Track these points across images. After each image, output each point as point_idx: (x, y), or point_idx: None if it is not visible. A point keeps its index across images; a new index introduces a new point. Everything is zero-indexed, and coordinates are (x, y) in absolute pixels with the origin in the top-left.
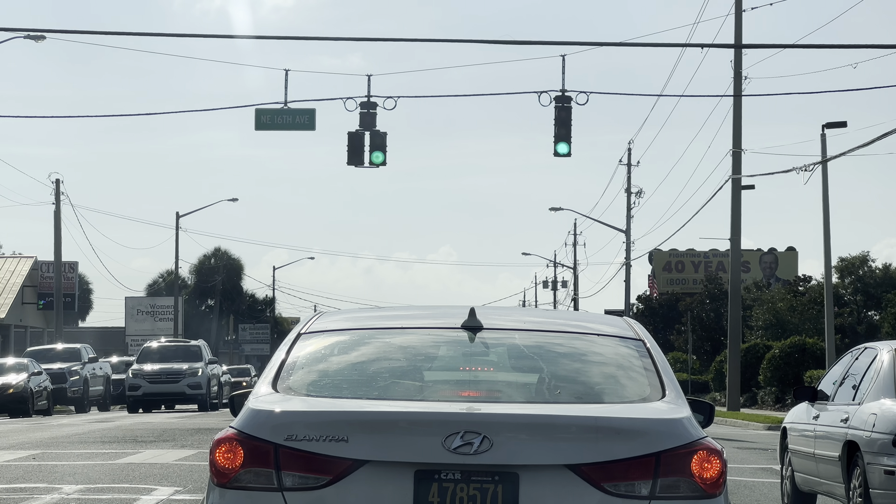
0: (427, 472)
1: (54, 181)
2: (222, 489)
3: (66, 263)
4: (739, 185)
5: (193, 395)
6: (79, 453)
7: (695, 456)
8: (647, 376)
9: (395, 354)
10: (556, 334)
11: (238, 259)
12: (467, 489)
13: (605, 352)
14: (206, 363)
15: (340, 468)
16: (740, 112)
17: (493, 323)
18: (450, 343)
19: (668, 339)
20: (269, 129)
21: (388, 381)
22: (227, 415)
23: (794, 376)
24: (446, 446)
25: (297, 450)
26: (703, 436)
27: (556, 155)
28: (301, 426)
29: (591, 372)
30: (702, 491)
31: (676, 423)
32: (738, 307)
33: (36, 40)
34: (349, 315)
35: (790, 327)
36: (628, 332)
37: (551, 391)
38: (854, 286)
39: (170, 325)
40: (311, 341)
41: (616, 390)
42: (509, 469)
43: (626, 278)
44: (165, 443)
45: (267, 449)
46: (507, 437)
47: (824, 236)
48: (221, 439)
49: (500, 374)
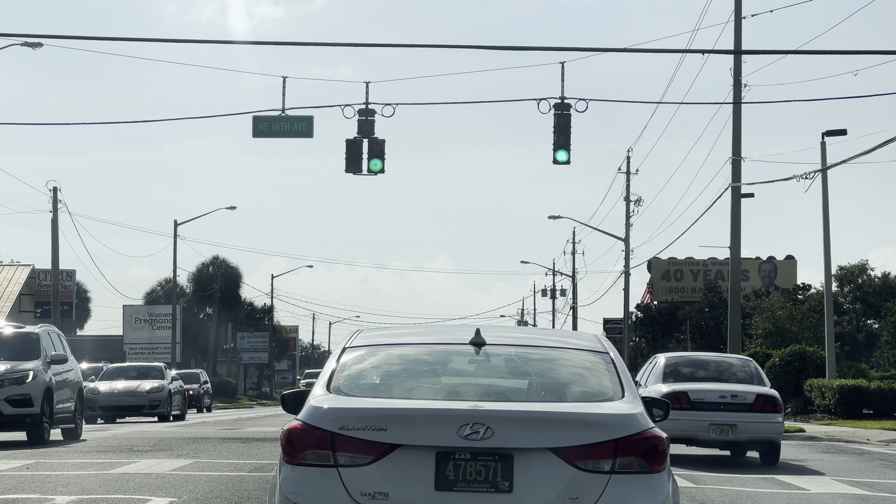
0: (445, 454)
1: (52, 189)
2: (292, 466)
3: (64, 272)
4: (739, 193)
5: None
6: (73, 463)
7: (644, 441)
8: (611, 381)
9: (419, 363)
10: (542, 348)
11: (236, 267)
12: (475, 466)
13: (579, 362)
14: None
15: (380, 450)
16: (740, 119)
17: (493, 339)
18: (460, 355)
19: (668, 347)
20: (266, 136)
21: (415, 384)
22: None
23: (794, 385)
24: (459, 434)
25: (348, 437)
26: (651, 426)
27: (556, 163)
28: (351, 419)
29: (567, 378)
30: (649, 468)
31: (631, 417)
32: (737, 315)
33: (33, 48)
34: (382, 332)
35: (789, 336)
36: (598, 346)
37: (538, 392)
38: (853, 294)
39: (168, 333)
40: (353, 353)
41: (586, 392)
42: (506, 451)
43: (624, 286)
44: (161, 452)
45: (326, 436)
46: (505, 428)
47: (824, 244)
48: (291, 429)
49: (499, 379)
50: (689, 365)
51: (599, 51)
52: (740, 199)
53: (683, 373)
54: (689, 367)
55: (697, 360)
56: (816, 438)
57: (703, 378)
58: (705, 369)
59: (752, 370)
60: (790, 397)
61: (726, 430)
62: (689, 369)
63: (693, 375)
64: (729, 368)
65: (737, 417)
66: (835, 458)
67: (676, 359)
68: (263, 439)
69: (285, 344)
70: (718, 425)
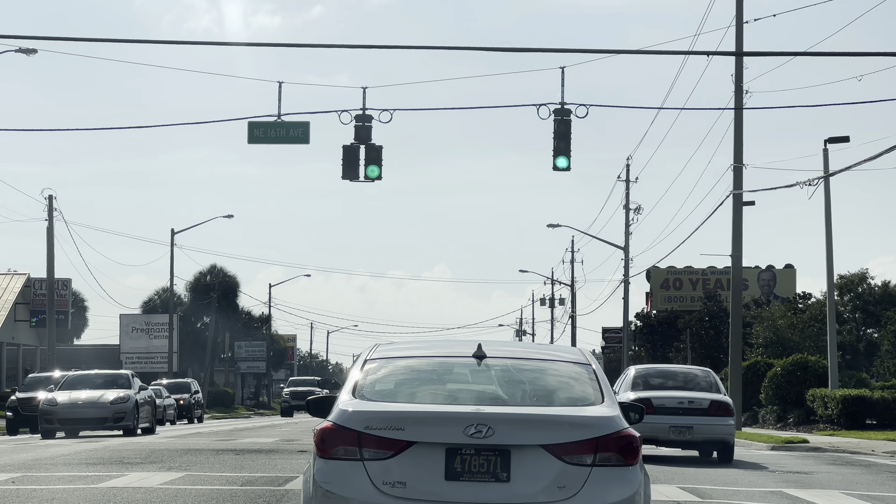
0: (453, 449)
1: (47, 197)
2: (325, 459)
3: (60, 280)
4: (741, 201)
5: None
6: (60, 476)
7: (620, 440)
8: (593, 388)
9: (430, 373)
10: (534, 360)
11: (234, 276)
12: (478, 460)
13: (566, 372)
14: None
15: (399, 446)
16: (741, 126)
17: (492, 353)
18: (465, 366)
19: (667, 356)
20: (262, 142)
21: (427, 390)
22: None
23: (796, 395)
24: (465, 433)
25: (372, 435)
26: (626, 427)
27: (556, 169)
28: (374, 420)
29: (556, 386)
30: (624, 462)
31: (610, 419)
32: (739, 324)
33: (27, 54)
34: (396, 346)
35: (790, 345)
36: (582, 359)
37: (531, 398)
38: (853, 303)
39: (165, 342)
40: (373, 364)
41: (572, 397)
42: (505, 447)
43: (624, 295)
44: (152, 464)
45: (353, 434)
46: (503, 427)
47: (826, 252)
48: (324, 429)
49: (497, 387)
50: (655, 376)
51: (600, 52)
52: (742, 206)
53: (651, 383)
54: (655, 377)
55: (663, 372)
56: (821, 449)
57: (667, 387)
58: (671, 379)
59: (711, 380)
60: (792, 407)
61: (684, 431)
62: (657, 380)
63: (658, 385)
64: (693, 379)
65: (693, 420)
66: (842, 470)
67: (645, 370)
68: (258, 451)
69: (283, 353)
70: (677, 427)
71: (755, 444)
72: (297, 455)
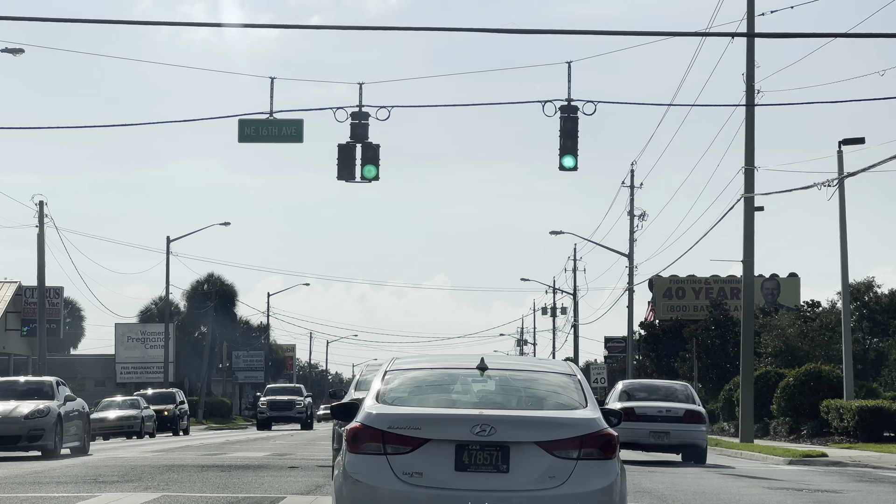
0: (461, 445)
1: (38, 203)
2: (354, 454)
3: (51, 289)
4: (752, 204)
5: None
6: (25, 497)
7: (601, 438)
8: (578, 395)
9: (441, 382)
10: (529, 372)
11: (231, 285)
12: (482, 454)
13: (555, 382)
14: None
15: (416, 443)
16: (753, 126)
17: (493, 365)
18: (469, 376)
19: (672, 366)
20: (253, 140)
21: (439, 396)
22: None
23: (809, 406)
24: (471, 432)
25: (394, 433)
26: (606, 427)
27: (562, 168)
28: (396, 421)
29: (547, 393)
30: (604, 456)
31: (592, 420)
32: (751, 332)
33: (14, 54)
34: (412, 359)
35: (801, 354)
36: (569, 371)
37: (526, 403)
38: (860, 312)
39: (161, 352)
40: (392, 374)
41: (560, 403)
42: (505, 444)
43: (628, 304)
44: (128, 483)
45: (378, 433)
46: (504, 427)
47: (841, 257)
48: (353, 428)
49: (497, 394)
50: (640, 389)
51: (609, 34)
52: (753, 210)
53: (636, 395)
54: (640, 391)
55: (647, 386)
56: (842, 464)
57: (649, 398)
58: (654, 392)
59: (689, 393)
60: (805, 419)
61: (661, 436)
62: (641, 392)
63: (643, 397)
64: (673, 392)
65: (670, 427)
66: (873, 488)
67: (632, 384)
68: (246, 467)
69: (282, 363)
70: (656, 432)
71: (771, 457)
72: (288, 472)
